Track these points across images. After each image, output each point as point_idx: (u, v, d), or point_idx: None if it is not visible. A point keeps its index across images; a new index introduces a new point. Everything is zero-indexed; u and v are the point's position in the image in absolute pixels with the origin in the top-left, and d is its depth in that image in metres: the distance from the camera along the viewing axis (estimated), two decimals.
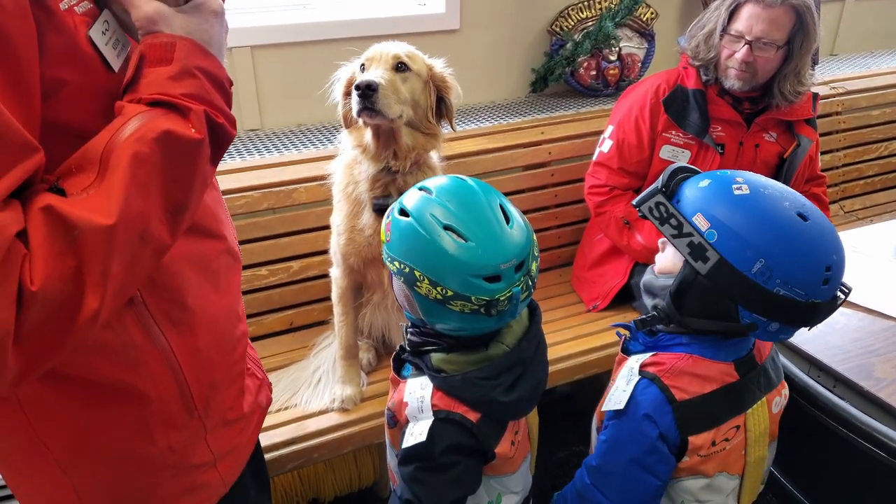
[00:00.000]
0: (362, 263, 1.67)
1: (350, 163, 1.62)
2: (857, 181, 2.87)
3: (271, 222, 1.93)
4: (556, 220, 2.35)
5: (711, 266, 1.11)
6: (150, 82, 0.74)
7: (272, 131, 2.27)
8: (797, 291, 1.08)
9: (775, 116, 1.94)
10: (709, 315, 1.16)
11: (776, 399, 1.24)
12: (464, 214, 1.08)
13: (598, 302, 2.11)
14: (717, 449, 1.18)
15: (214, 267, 0.97)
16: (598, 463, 1.25)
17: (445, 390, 1.14)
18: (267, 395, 1.18)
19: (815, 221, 1.11)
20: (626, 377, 1.23)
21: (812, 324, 1.13)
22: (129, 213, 0.68)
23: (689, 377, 1.18)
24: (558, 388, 2.19)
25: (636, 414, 1.18)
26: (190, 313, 0.91)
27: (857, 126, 2.84)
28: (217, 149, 0.80)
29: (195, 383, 0.93)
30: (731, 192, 1.14)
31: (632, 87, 2.13)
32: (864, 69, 3.07)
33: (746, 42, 1.80)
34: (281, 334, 1.99)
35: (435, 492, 1.14)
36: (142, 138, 0.69)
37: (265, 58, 2.19)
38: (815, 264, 1.08)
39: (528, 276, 1.11)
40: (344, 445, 1.65)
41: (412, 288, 1.10)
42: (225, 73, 0.81)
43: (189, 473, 0.97)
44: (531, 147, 2.28)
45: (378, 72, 1.45)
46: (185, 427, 0.94)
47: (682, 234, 1.14)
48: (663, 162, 1.98)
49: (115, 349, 0.84)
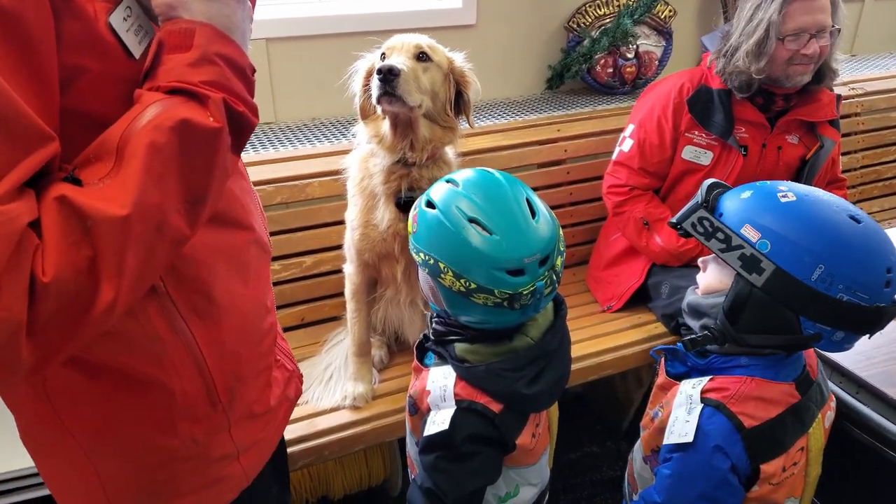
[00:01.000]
0: (377, 259, 1.66)
1: (365, 157, 1.61)
2: (875, 183, 2.83)
3: (284, 217, 1.91)
4: (571, 218, 2.33)
5: (767, 277, 1.07)
6: (169, 69, 0.73)
7: (286, 125, 2.25)
8: (861, 296, 1.04)
9: (799, 117, 1.91)
10: (768, 329, 1.11)
11: (828, 413, 1.21)
12: (489, 208, 1.09)
13: (613, 302, 2.08)
14: (788, 475, 1.13)
15: (243, 258, 0.96)
16: (664, 499, 1.19)
17: (468, 380, 1.15)
18: (297, 386, 1.16)
19: (867, 224, 1.08)
20: (686, 405, 1.17)
21: (875, 330, 1.09)
22: (144, 203, 0.67)
23: (755, 402, 1.13)
24: (571, 388, 2.17)
25: (705, 446, 1.13)
26: (216, 305, 0.89)
27: (876, 128, 2.80)
28: (238, 137, 0.78)
29: (220, 376, 0.92)
30: (778, 199, 1.10)
31: (653, 85, 2.10)
32: (883, 70, 3.03)
33: (811, 35, 1.75)
34: (292, 330, 1.97)
35: (456, 481, 1.14)
36: (158, 127, 0.68)
37: (280, 51, 2.17)
38: (876, 266, 1.05)
39: (552, 270, 1.11)
40: (355, 443, 1.64)
41: (436, 279, 1.11)
42: (247, 61, 0.80)
43: (212, 466, 0.96)
44: (547, 144, 2.26)
45: (400, 58, 1.43)
46: (209, 419, 0.94)
47: (732, 247, 1.10)
48: (685, 162, 1.95)
49: (138, 341, 0.83)
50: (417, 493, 1.19)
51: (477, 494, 1.18)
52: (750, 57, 1.78)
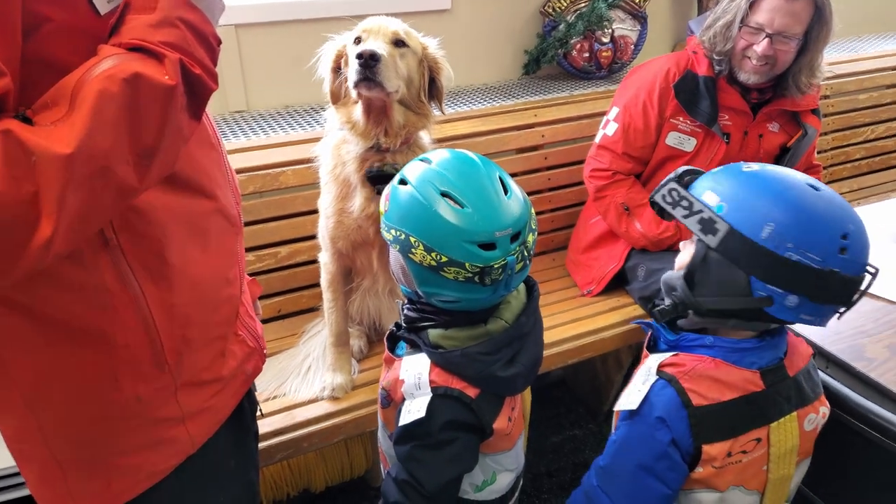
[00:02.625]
0: (351, 247, 1.63)
1: (338, 144, 1.58)
2: (844, 164, 2.88)
3: (257, 206, 1.88)
4: (549, 203, 2.32)
5: (721, 237, 1.09)
6: (131, 28, 0.76)
7: (258, 113, 2.21)
8: (812, 257, 1.04)
9: (781, 107, 1.92)
10: (721, 292, 1.13)
11: (810, 416, 1.19)
12: (461, 182, 1.10)
13: (592, 286, 2.09)
14: (733, 461, 1.13)
15: (203, 225, 0.97)
16: (606, 464, 1.22)
17: (444, 366, 1.14)
18: (256, 363, 1.15)
19: (826, 192, 1.09)
20: (644, 376, 1.19)
21: (837, 300, 1.09)
22: (90, 146, 0.69)
23: (709, 381, 1.14)
24: (552, 372, 2.18)
25: (649, 416, 1.15)
26: (169, 266, 0.91)
27: (845, 110, 2.84)
28: (194, 100, 0.81)
29: (167, 337, 0.93)
30: (741, 169, 1.14)
31: (637, 67, 2.08)
32: (851, 53, 3.07)
33: (767, 35, 1.75)
34: (269, 322, 1.94)
35: (433, 470, 1.13)
36: (111, 77, 0.71)
37: (250, 37, 2.13)
38: (829, 229, 1.05)
39: (523, 246, 1.11)
40: (335, 434, 1.61)
41: (407, 256, 1.11)
42: (211, 29, 0.83)
43: (155, 426, 0.97)
44: (524, 130, 2.25)
45: (378, 43, 1.41)
46: (155, 379, 0.94)
47: (693, 212, 1.13)
48: (668, 148, 1.95)
49: (85, 289, 0.85)
50: (392, 487, 1.17)
51: (454, 483, 1.18)
52: (717, 38, 1.80)
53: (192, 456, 1.02)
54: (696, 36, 1.93)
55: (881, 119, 2.93)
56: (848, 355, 1.39)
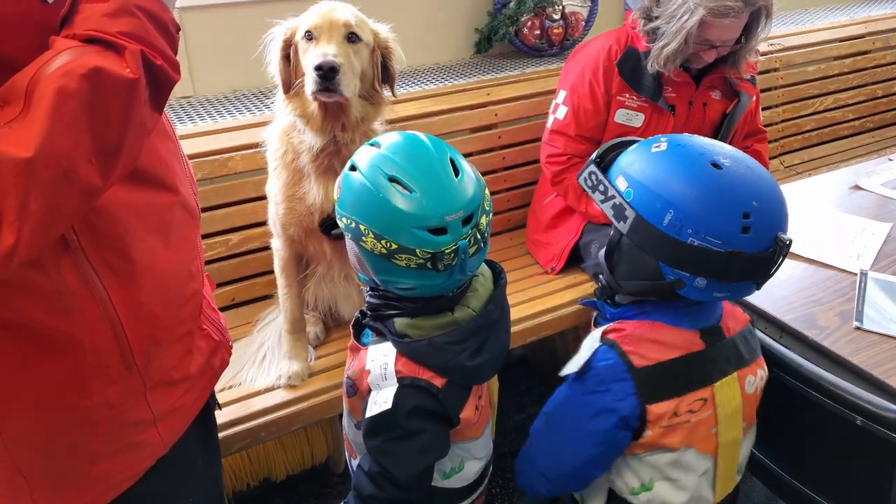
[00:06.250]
0: (303, 234, 1.61)
1: (287, 129, 1.54)
2: (795, 136, 2.93)
3: (206, 193, 1.83)
4: (505, 182, 2.31)
5: (630, 224, 1.11)
6: (86, 18, 0.71)
7: (205, 98, 2.15)
8: (712, 241, 1.06)
9: (722, 74, 1.94)
10: (636, 275, 1.16)
11: (749, 377, 1.22)
12: (409, 166, 1.07)
13: (554, 263, 2.09)
14: (681, 420, 1.15)
15: (165, 220, 0.94)
16: (549, 410, 1.26)
17: (410, 356, 1.13)
18: (223, 357, 1.13)
19: (730, 169, 1.09)
20: (589, 344, 1.21)
21: (749, 277, 1.10)
22: (50, 148, 0.65)
23: (649, 343, 1.16)
24: (513, 351, 2.18)
25: (592, 378, 1.17)
26: (133, 264, 0.88)
27: (794, 82, 2.89)
28: (157, 92, 0.77)
29: (135, 337, 0.90)
30: (649, 150, 1.14)
31: (579, 47, 2.08)
32: (800, 25, 3.12)
33: (714, 47, 1.79)
34: (223, 311, 1.89)
35: (405, 461, 1.13)
36: (69, 73, 0.67)
37: (195, 20, 2.06)
38: (729, 211, 1.06)
39: (475, 229, 1.09)
40: (293, 422, 1.60)
41: (359, 244, 1.09)
42: (169, 16, 0.79)
43: (126, 430, 0.94)
44: (477, 109, 2.23)
45: (332, 48, 1.37)
46: (123, 382, 0.91)
47: (608, 197, 1.14)
48: (618, 126, 1.95)
49: (48, 294, 0.81)
50: (365, 480, 1.16)
51: (427, 472, 1.17)
52: (668, 56, 1.80)
53: (162, 458, 1.00)
54: (633, 10, 1.93)
55: (829, 90, 2.99)
56: (800, 324, 1.41)
